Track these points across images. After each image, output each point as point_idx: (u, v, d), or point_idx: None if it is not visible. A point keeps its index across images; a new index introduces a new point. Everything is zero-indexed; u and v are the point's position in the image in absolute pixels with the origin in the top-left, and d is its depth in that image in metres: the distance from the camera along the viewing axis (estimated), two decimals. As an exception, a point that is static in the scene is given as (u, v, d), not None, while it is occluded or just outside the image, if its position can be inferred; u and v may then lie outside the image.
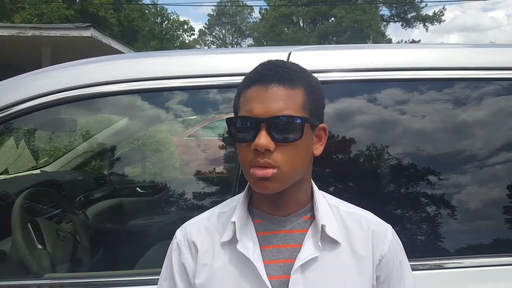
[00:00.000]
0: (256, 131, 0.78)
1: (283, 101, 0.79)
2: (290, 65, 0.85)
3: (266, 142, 0.77)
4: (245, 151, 0.81)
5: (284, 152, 0.79)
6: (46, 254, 1.57)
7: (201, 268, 0.86)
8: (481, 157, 1.29)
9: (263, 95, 0.79)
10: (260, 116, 0.78)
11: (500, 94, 1.31)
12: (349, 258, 0.85)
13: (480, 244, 1.29)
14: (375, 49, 1.47)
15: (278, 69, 0.82)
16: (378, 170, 1.32)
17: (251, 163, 0.80)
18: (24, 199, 1.72)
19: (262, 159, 0.78)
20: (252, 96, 0.80)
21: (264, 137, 0.77)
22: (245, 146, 0.81)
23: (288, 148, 0.79)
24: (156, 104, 1.52)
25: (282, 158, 0.79)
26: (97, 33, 8.26)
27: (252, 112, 0.79)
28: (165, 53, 1.57)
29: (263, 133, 0.78)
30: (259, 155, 0.78)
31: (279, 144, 0.79)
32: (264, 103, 0.79)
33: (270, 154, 0.78)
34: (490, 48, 1.44)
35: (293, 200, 0.86)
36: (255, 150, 0.78)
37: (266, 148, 0.77)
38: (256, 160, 0.79)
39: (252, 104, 0.80)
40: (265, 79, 0.80)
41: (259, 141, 0.77)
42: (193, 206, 2.03)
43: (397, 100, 1.30)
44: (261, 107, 0.78)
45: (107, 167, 2.77)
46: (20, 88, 1.29)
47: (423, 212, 1.28)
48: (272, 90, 0.79)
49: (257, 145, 0.77)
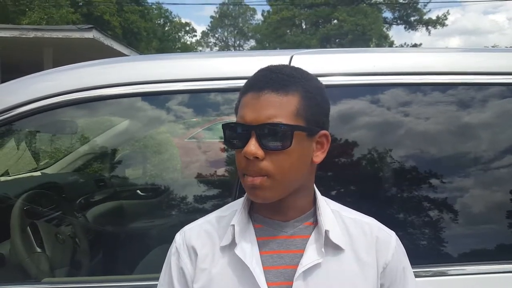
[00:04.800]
0: (247, 138, 0.78)
1: (274, 108, 0.78)
2: (287, 70, 0.83)
3: (255, 150, 0.77)
4: (239, 158, 0.81)
5: (275, 160, 0.78)
6: (45, 257, 1.56)
7: (199, 273, 0.85)
8: (486, 161, 1.28)
9: (255, 102, 0.79)
10: (250, 123, 0.78)
11: (506, 99, 1.29)
12: (352, 264, 0.84)
13: (484, 250, 1.27)
14: (377, 53, 1.45)
15: (272, 75, 0.81)
16: (382, 175, 1.31)
17: (243, 170, 0.80)
18: (23, 202, 1.71)
19: (252, 168, 0.78)
20: (246, 102, 0.80)
21: (253, 145, 0.77)
22: (238, 152, 0.81)
23: (279, 156, 0.78)
24: (158, 107, 1.52)
25: (272, 167, 0.78)
26: (99, 35, 8.28)
27: (244, 118, 0.79)
28: (167, 56, 1.56)
29: (252, 140, 0.77)
30: (250, 163, 0.78)
31: (269, 152, 0.78)
32: (255, 110, 0.78)
33: (259, 162, 0.78)
34: (496, 52, 1.42)
35: (294, 206, 0.85)
36: (245, 157, 0.78)
37: (255, 156, 0.77)
38: (246, 168, 0.79)
39: (245, 110, 0.80)
40: (258, 86, 0.80)
41: (248, 148, 0.77)
42: (194, 210, 2.02)
43: (401, 104, 1.28)
44: (252, 114, 0.78)
45: (107, 169, 2.76)
46: (22, 90, 1.29)
47: (426, 218, 1.27)
48: (265, 97, 0.78)
49: (246, 153, 0.77)
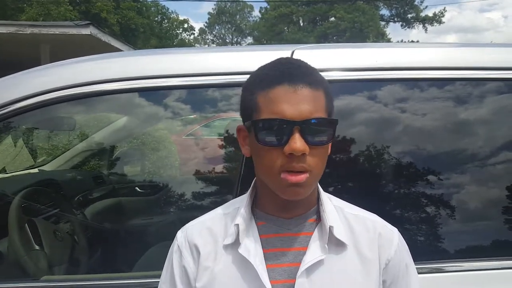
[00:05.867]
0: (289, 134, 0.75)
1: (312, 102, 0.76)
2: (308, 65, 0.83)
3: (303, 146, 0.74)
4: (272, 156, 0.77)
5: (316, 155, 0.77)
6: (44, 255, 1.55)
7: (202, 271, 0.83)
8: (489, 158, 1.27)
9: (292, 96, 0.75)
10: (292, 119, 0.74)
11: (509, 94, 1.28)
12: (355, 261, 0.83)
13: (481, 247, 1.27)
14: (379, 48, 1.44)
15: (302, 69, 0.79)
16: (384, 170, 1.30)
17: (282, 168, 0.76)
18: (21, 199, 1.70)
19: (298, 164, 0.75)
20: (280, 96, 0.76)
21: (300, 141, 0.74)
22: (272, 150, 0.77)
23: (319, 151, 0.77)
24: (155, 103, 1.50)
25: (314, 162, 0.76)
26: (97, 31, 8.21)
27: (282, 114, 0.75)
28: (164, 51, 1.54)
29: (297, 136, 0.74)
30: (294, 160, 0.75)
31: (312, 147, 0.76)
32: (295, 105, 0.75)
33: (304, 159, 0.75)
34: (499, 47, 1.40)
35: (302, 203, 0.84)
36: (290, 154, 0.75)
37: (303, 153, 0.74)
38: (290, 165, 0.75)
39: (281, 105, 0.75)
40: (292, 79, 0.77)
41: (296, 145, 0.73)
42: (194, 206, 2.01)
43: (402, 100, 1.27)
44: (292, 109, 0.75)
45: (105, 166, 2.75)
46: (18, 86, 1.27)
47: (423, 214, 1.26)
48: (301, 91, 0.76)
49: (294, 149, 0.74)
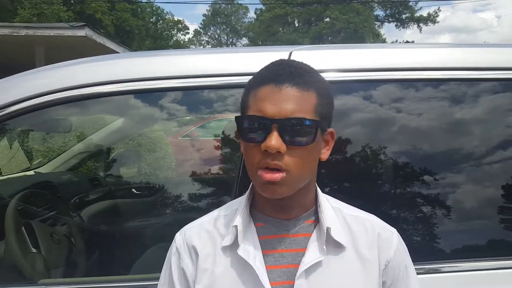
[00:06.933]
0: (267, 132, 0.76)
1: (296, 102, 0.76)
2: (304, 66, 0.83)
3: (278, 144, 0.74)
4: (253, 152, 0.78)
5: (295, 155, 0.76)
6: (41, 258, 1.54)
7: (201, 273, 0.83)
8: (484, 158, 1.27)
9: (276, 95, 0.77)
10: (272, 117, 0.75)
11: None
12: (354, 262, 0.83)
13: (477, 247, 1.27)
14: (377, 49, 1.44)
15: (292, 69, 0.80)
16: (381, 170, 1.30)
17: (259, 164, 0.77)
18: (17, 202, 1.69)
19: (272, 161, 0.76)
20: (264, 95, 0.77)
21: (276, 139, 0.75)
22: (253, 146, 0.78)
23: (299, 151, 0.77)
24: (151, 104, 1.50)
25: (292, 162, 0.76)
26: (92, 33, 8.18)
27: (263, 111, 0.76)
28: (160, 52, 1.54)
29: (274, 134, 0.75)
30: (269, 157, 0.76)
31: (289, 147, 0.76)
32: (277, 103, 0.76)
33: (281, 157, 0.76)
34: (499, 48, 1.40)
35: (298, 204, 0.84)
36: (265, 151, 0.75)
37: (277, 150, 0.75)
38: (265, 161, 0.76)
39: (264, 103, 0.77)
40: (278, 79, 0.78)
41: (271, 142, 0.74)
42: (192, 208, 2.01)
43: (401, 100, 1.27)
44: (273, 107, 0.76)
45: (102, 168, 2.74)
46: (13, 89, 1.26)
47: (420, 214, 1.26)
48: (286, 91, 0.77)
49: (268, 147, 0.74)
